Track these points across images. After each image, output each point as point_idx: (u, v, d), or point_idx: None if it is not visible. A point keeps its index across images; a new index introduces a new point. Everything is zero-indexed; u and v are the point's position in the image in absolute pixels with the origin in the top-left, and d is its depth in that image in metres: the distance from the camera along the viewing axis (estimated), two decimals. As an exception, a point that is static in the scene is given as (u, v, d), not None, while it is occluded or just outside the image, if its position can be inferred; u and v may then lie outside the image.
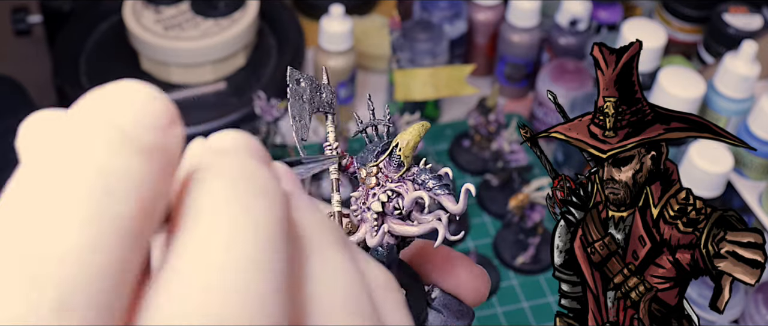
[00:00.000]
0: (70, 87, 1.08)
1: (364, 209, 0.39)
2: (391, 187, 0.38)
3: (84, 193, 0.18)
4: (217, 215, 0.19)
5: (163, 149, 0.20)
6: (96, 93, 0.20)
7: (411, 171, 0.38)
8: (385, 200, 0.38)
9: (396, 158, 0.39)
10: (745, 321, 0.88)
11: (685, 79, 0.94)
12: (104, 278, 0.17)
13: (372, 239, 0.38)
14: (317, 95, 0.41)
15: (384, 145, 0.39)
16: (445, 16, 1.15)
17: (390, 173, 0.39)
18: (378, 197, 0.38)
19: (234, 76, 1.13)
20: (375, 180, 0.39)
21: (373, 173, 0.39)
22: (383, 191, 0.39)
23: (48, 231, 0.17)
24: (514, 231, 0.97)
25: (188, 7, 1.12)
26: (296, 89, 0.40)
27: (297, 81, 0.40)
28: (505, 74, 1.15)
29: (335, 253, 0.23)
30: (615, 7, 1.16)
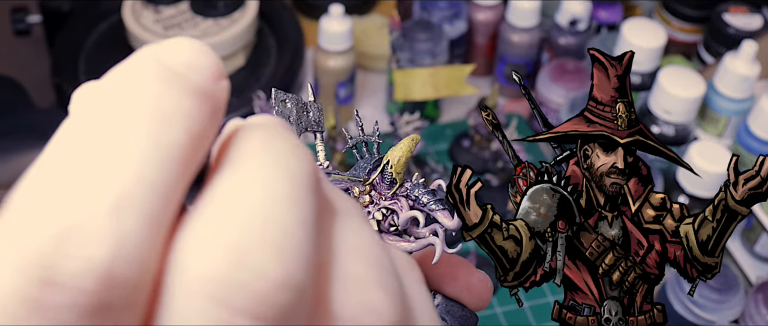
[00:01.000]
0: (69, 86, 1.08)
1: None
2: (386, 205, 0.38)
3: (144, 119, 0.19)
4: (255, 159, 0.20)
5: (211, 94, 0.21)
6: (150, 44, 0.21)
7: (404, 187, 0.38)
8: (380, 218, 0.38)
9: (388, 176, 0.39)
10: (745, 321, 0.88)
11: (685, 79, 0.94)
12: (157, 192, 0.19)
13: None
14: (304, 114, 0.41)
15: (375, 162, 0.39)
16: (445, 16, 1.15)
17: (383, 190, 0.39)
18: (373, 215, 0.38)
19: (234, 76, 1.13)
20: (369, 198, 0.39)
21: (366, 191, 0.39)
22: (377, 210, 0.38)
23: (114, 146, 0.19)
24: (514, 231, 0.97)
25: (188, 6, 1.12)
26: (282, 111, 0.40)
27: (282, 102, 0.40)
28: (505, 74, 1.15)
29: (363, 225, 0.23)
30: (615, 7, 1.16)
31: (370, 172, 0.39)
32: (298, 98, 0.40)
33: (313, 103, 0.40)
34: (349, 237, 0.23)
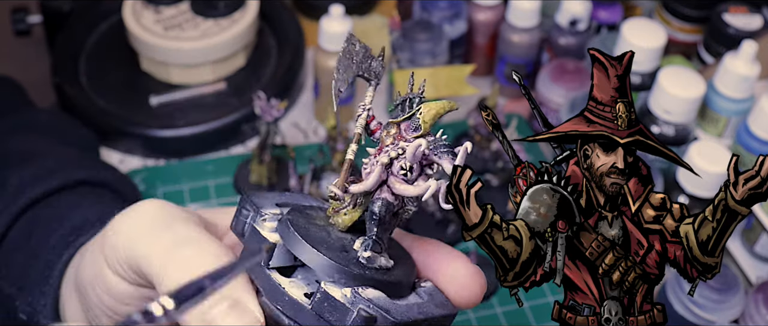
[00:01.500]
0: (69, 87, 1.08)
1: (374, 163, 0.40)
2: (403, 145, 0.40)
3: None
4: None
5: None
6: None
7: (427, 138, 0.40)
8: (394, 156, 0.40)
9: (415, 121, 0.40)
10: (745, 321, 0.88)
11: (685, 79, 0.94)
12: None
13: (367, 181, 0.40)
14: (367, 61, 0.43)
15: (409, 113, 0.41)
16: (445, 16, 1.15)
17: (407, 135, 0.40)
18: (389, 152, 0.40)
19: (234, 76, 1.13)
20: (391, 139, 0.40)
21: (390, 133, 0.41)
22: (394, 148, 0.40)
23: None
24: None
25: (188, 7, 1.12)
26: (349, 49, 0.43)
27: (352, 43, 0.42)
28: (505, 74, 1.15)
29: None
30: (615, 7, 1.16)
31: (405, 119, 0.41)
32: (368, 47, 0.42)
33: (381, 60, 0.43)
34: None
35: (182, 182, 1.03)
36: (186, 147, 1.06)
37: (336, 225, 0.43)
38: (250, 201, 0.43)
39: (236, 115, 1.07)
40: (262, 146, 0.98)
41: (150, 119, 1.07)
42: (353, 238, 0.42)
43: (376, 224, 0.41)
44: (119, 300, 0.48)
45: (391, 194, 0.41)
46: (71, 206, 0.68)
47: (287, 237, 0.40)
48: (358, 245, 0.41)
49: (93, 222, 0.62)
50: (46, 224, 0.66)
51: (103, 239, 0.48)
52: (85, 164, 0.78)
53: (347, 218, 0.42)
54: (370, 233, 0.41)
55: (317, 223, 0.42)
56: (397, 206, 0.41)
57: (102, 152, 1.06)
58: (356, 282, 0.39)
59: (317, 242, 0.40)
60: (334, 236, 0.42)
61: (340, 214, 0.42)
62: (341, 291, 0.39)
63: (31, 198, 0.70)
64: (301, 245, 0.39)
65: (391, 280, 0.40)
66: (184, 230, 0.44)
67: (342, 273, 0.39)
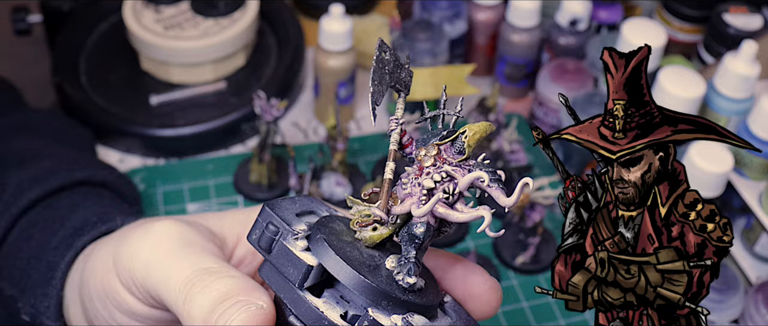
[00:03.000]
0: (69, 86, 1.08)
1: (414, 184, 0.39)
2: (448, 169, 0.39)
3: None
4: None
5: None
6: None
7: (469, 162, 0.39)
8: (439, 179, 0.39)
9: (459, 145, 0.39)
10: (745, 321, 0.88)
11: (685, 79, 0.94)
12: None
13: (419, 209, 0.39)
14: (398, 71, 0.42)
15: (449, 132, 0.40)
16: (445, 16, 1.15)
17: (449, 157, 0.39)
18: (432, 175, 0.39)
19: (234, 76, 1.13)
20: (432, 160, 0.40)
21: (431, 154, 0.40)
22: (438, 172, 0.39)
23: None
24: (514, 231, 0.97)
25: (188, 6, 1.12)
26: (381, 58, 0.42)
27: (384, 52, 0.41)
28: (505, 74, 1.15)
29: None
30: (615, 7, 1.16)
31: (443, 138, 0.40)
32: (397, 55, 0.42)
33: (408, 68, 0.42)
34: None
35: (182, 182, 1.03)
36: (186, 147, 1.07)
37: (362, 241, 0.42)
38: (275, 216, 0.41)
39: (236, 114, 1.07)
40: (262, 146, 0.98)
41: (150, 119, 1.07)
42: (381, 255, 0.41)
43: (416, 247, 0.40)
44: (134, 318, 0.49)
45: (432, 216, 0.40)
46: (71, 207, 0.68)
47: (327, 260, 0.39)
48: (391, 264, 0.40)
49: (94, 222, 0.62)
50: (46, 225, 0.66)
51: (117, 257, 0.48)
52: (83, 165, 0.78)
53: (376, 235, 0.41)
54: (408, 255, 0.40)
55: (345, 239, 0.41)
56: (436, 228, 0.40)
57: (102, 151, 1.06)
58: (401, 308, 0.39)
59: (358, 264, 0.39)
60: (365, 255, 0.41)
61: (367, 230, 0.41)
62: (390, 319, 0.38)
63: (30, 200, 0.70)
64: (343, 268, 0.39)
65: (430, 304, 0.40)
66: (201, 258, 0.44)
67: (388, 299, 0.38)
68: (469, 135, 0.39)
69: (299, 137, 1.11)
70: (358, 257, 0.40)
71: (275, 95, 1.02)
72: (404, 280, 0.39)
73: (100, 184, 0.78)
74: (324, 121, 1.10)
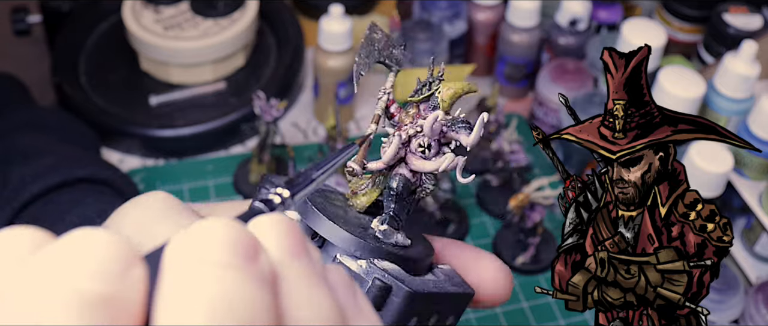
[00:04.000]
0: (69, 86, 1.08)
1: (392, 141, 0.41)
2: (421, 123, 0.41)
3: None
4: None
5: (119, 296, 0.22)
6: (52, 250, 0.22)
7: (445, 118, 0.41)
8: (412, 133, 0.41)
9: (434, 100, 0.41)
10: (745, 321, 0.88)
11: (685, 79, 0.94)
12: None
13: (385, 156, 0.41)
14: (389, 48, 0.44)
15: (428, 95, 0.42)
16: (445, 16, 1.15)
17: (426, 114, 0.41)
18: (407, 130, 0.41)
19: (234, 76, 1.13)
20: (410, 119, 0.41)
21: (409, 113, 0.42)
22: (412, 126, 0.41)
23: None
24: (514, 231, 0.97)
25: (188, 7, 1.12)
26: (371, 36, 0.43)
27: (374, 31, 0.43)
28: (505, 74, 1.15)
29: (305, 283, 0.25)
30: (615, 7, 1.16)
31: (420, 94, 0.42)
32: (390, 36, 0.43)
33: (404, 50, 0.44)
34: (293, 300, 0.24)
35: (182, 182, 1.03)
36: (186, 147, 1.06)
37: (355, 206, 0.43)
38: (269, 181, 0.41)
39: (236, 115, 1.07)
40: (261, 146, 0.98)
41: (150, 119, 1.06)
42: (371, 219, 0.42)
43: (393, 200, 0.41)
44: None
45: (408, 171, 0.41)
46: (72, 203, 0.68)
47: (306, 213, 0.40)
48: (375, 223, 0.42)
49: (93, 219, 0.62)
50: (46, 221, 0.66)
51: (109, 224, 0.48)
52: (85, 162, 0.78)
53: (365, 199, 0.42)
54: (387, 209, 0.41)
55: (336, 204, 0.42)
56: (415, 184, 0.42)
57: (102, 151, 1.06)
58: (372, 254, 0.39)
59: (334, 217, 0.40)
60: (351, 215, 0.42)
61: (358, 196, 0.43)
62: (357, 263, 0.39)
63: (32, 194, 0.71)
64: (319, 219, 0.39)
65: (408, 256, 0.41)
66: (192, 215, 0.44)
67: (358, 246, 0.39)
68: (442, 90, 0.41)
69: (299, 138, 1.11)
70: (342, 215, 0.41)
71: (275, 95, 1.02)
72: (376, 229, 0.41)
73: (101, 182, 0.79)
74: (324, 121, 1.10)
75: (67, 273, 0.21)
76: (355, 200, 0.43)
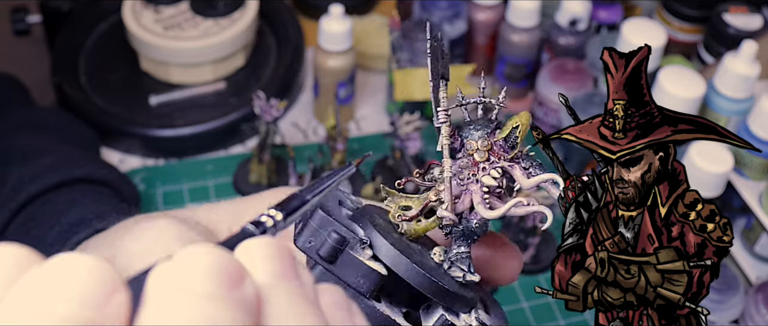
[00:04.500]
0: (69, 86, 1.08)
1: (471, 180, 0.40)
2: (504, 165, 0.39)
3: None
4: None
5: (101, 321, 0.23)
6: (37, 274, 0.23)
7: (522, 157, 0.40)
8: (497, 176, 0.39)
9: (513, 140, 0.39)
10: (745, 321, 0.88)
11: (685, 79, 0.94)
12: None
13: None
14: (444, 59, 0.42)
15: (496, 124, 0.40)
16: (445, 16, 1.15)
17: (501, 152, 0.39)
18: (488, 172, 0.39)
19: (234, 76, 1.13)
20: (486, 156, 0.40)
21: (484, 148, 0.40)
22: (493, 167, 0.39)
23: None
24: (514, 231, 0.97)
25: (188, 6, 1.12)
26: (435, 46, 0.40)
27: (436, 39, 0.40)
28: (505, 74, 1.15)
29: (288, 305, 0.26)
30: (615, 7, 1.16)
31: (493, 132, 0.40)
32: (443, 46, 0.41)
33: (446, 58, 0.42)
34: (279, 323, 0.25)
35: (182, 182, 1.03)
36: (186, 147, 1.06)
37: (407, 233, 0.41)
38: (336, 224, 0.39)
39: (236, 115, 1.07)
40: (261, 146, 0.98)
41: (149, 119, 1.06)
42: (423, 249, 0.41)
43: (470, 243, 0.40)
44: None
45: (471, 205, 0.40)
46: (69, 203, 0.68)
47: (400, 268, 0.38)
48: (439, 258, 0.41)
49: (90, 220, 0.62)
50: (44, 221, 0.66)
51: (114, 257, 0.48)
52: (84, 162, 0.78)
53: (421, 228, 0.41)
54: (461, 251, 0.40)
55: (395, 236, 0.40)
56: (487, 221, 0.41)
57: (102, 151, 1.06)
58: (470, 306, 0.40)
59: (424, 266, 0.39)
60: (416, 251, 0.41)
61: (412, 223, 0.41)
62: (464, 320, 0.39)
63: (29, 194, 0.71)
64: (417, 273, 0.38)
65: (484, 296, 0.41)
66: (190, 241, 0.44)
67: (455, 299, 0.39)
68: (521, 129, 0.39)
69: (299, 138, 1.11)
70: (417, 258, 0.40)
71: (275, 95, 1.02)
72: (465, 278, 0.40)
73: (99, 182, 0.79)
74: (324, 121, 1.10)
75: (51, 297, 0.22)
76: (408, 228, 0.41)
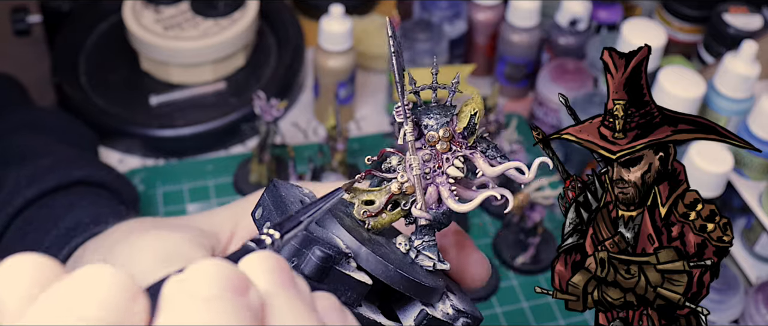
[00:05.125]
0: (69, 86, 1.08)
1: (438, 173, 0.40)
2: (465, 153, 0.39)
3: None
4: None
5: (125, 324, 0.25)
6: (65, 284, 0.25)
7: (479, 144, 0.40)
8: (460, 166, 0.39)
9: (470, 128, 0.39)
10: (745, 321, 0.88)
11: (685, 79, 0.94)
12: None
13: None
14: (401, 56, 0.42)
15: (450, 112, 0.40)
16: (445, 16, 1.15)
17: (459, 139, 0.40)
18: (452, 162, 0.39)
19: (234, 76, 1.13)
20: (448, 146, 0.40)
21: (446, 139, 0.40)
22: (456, 157, 0.39)
23: None
24: (514, 231, 0.97)
25: (188, 7, 1.12)
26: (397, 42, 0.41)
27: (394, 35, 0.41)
28: (505, 74, 1.15)
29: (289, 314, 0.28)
30: (615, 7, 1.16)
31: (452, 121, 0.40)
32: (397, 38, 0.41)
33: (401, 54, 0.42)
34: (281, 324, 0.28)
35: (182, 182, 1.03)
36: (186, 147, 1.06)
37: (372, 227, 0.41)
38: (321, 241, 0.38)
39: (236, 115, 1.07)
40: (261, 146, 0.98)
41: (150, 119, 1.06)
42: (387, 240, 0.41)
43: (434, 232, 0.41)
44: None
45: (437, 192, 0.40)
46: (67, 207, 0.67)
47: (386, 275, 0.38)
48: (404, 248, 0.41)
49: (87, 224, 0.62)
50: (40, 225, 0.66)
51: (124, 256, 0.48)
52: (82, 164, 0.78)
53: (386, 221, 0.41)
54: (427, 239, 0.40)
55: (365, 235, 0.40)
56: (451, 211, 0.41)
57: (101, 151, 1.06)
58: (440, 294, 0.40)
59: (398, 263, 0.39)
60: (380, 241, 0.41)
61: (378, 218, 0.41)
62: (440, 310, 0.40)
63: (26, 199, 0.70)
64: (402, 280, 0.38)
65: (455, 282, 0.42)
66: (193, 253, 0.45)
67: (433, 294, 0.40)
68: (478, 114, 0.39)
69: (299, 138, 1.11)
70: (384, 250, 0.40)
71: (275, 95, 1.02)
72: (435, 266, 0.40)
73: (98, 184, 0.78)
74: (324, 121, 1.10)
75: (83, 302, 0.25)
76: (374, 223, 0.41)
